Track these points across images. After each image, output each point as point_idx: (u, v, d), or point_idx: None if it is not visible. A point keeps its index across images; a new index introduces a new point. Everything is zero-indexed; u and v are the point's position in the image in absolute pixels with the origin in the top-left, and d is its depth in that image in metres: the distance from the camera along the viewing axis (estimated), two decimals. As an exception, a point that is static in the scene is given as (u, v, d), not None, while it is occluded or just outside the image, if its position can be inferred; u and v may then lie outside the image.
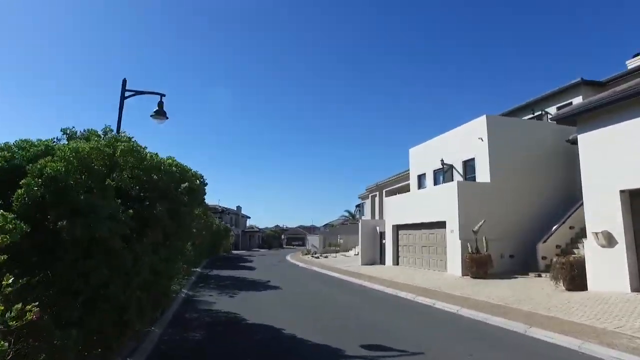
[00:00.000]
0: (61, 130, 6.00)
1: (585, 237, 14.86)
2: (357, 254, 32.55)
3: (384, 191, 35.03)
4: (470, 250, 15.21)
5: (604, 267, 10.18)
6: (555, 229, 15.35)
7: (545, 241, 15.15)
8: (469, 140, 18.32)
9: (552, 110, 20.83)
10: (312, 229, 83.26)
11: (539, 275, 14.07)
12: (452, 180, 19.21)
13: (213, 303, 10.70)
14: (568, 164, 18.20)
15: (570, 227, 15.59)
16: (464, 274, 15.31)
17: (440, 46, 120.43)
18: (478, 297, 10.77)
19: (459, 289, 12.22)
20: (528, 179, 17.41)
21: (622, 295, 9.36)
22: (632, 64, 20.66)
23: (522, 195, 17.13)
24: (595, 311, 8.37)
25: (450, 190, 16.72)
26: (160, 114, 8.60)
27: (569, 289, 10.82)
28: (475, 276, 14.61)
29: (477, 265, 14.57)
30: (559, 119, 11.36)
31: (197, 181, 6.86)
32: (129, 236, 4.70)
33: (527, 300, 9.90)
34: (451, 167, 19.71)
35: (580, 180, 17.67)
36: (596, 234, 10.22)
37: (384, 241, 23.17)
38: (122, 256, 4.44)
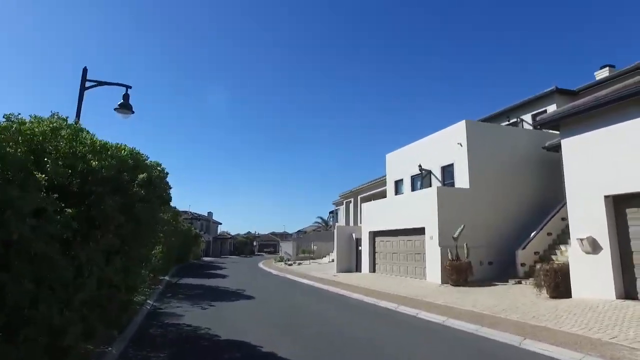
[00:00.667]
0: (4, 117, 5.09)
1: (564, 243, 14.96)
2: (332, 261, 31.95)
3: (358, 197, 34.72)
4: (450, 257, 14.87)
5: (589, 274, 9.96)
6: (534, 236, 15.25)
7: (524, 248, 15.00)
8: (447, 145, 18.12)
9: (528, 117, 21.06)
10: (284, 236, 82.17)
11: (519, 282, 13.88)
12: (430, 186, 18.98)
13: (181, 316, 9.75)
14: (544, 171, 18.31)
15: (548, 234, 15.55)
16: (443, 281, 14.95)
17: (415, 53, 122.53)
18: (463, 306, 10.34)
19: (441, 298, 11.79)
20: (506, 186, 17.35)
21: (608, 303, 9.13)
22: (599, 75, 21.18)
23: (500, 202, 17.03)
24: (585, 320, 8.06)
25: (429, 196, 16.40)
26: (125, 107, 7.74)
27: (552, 297, 10.56)
28: (456, 284, 14.27)
29: (458, 273, 14.24)
30: (543, 124, 11.19)
31: (155, 171, 5.95)
32: (69, 240, 3.82)
33: (514, 309, 9.54)
34: (429, 172, 19.48)
35: (557, 187, 17.98)
36: (581, 240, 10.01)
37: (360, 248, 22.67)
38: (59, 266, 3.53)
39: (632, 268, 9.37)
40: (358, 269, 22.73)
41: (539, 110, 20.73)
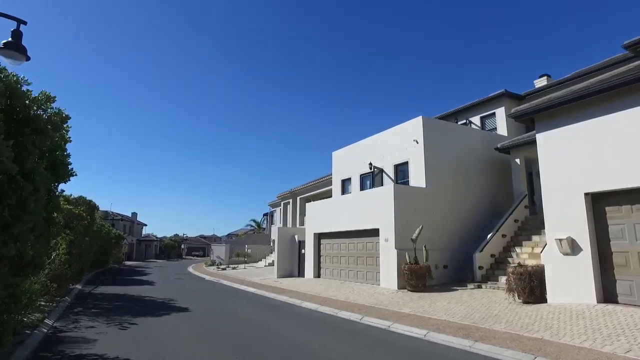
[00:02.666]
0: None
1: (518, 245, 14.56)
2: (268, 265, 30.01)
3: (298, 198, 33.18)
4: (408, 261, 13.79)
5: (567, 276, 9.25)
6: (491, 237, 14.68)
7: (481, 250, 14.35)
8: (402, 142, 17.20)
9: (476, 119, 20.93)
10: (213, 239, 78.21)
11: (479, 287, 13.11)
12: (382, 185, 17.95)
13: (92, 342, 7.18)
14: (496, 172, 18.07)
15: (503, 236, 15.10)
16: (400, 286, 13.83)
17: (363, 54, 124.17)
18: (435, 315, 9.12)
19: (406, 306, 10.55)
20: (461, 186, 16.78)
21: (591, 308, 8.39)
22: (538, 83, 21.66)
23: (455, 202, 16.39)
24: (580, 329, 7.15)
25: (385, 195, 15.24)
26: (14, 48, 5.42)
27: (526, 302, 9.75)
28: (414, 289, 13.18)
29: (417, 277, 13.17)
30: (519, 116, 10.42)
31: (40, 109, 3.81)
32: None
33: (494, 318, 8.50)
34: (381, 171, 18.44)
35: (508, 189, 17.83)
36: (560, 240, 9.27)
37: (303, 251, 21.06)
38: None
39: (612, 270, 8.77)
40: (301, 273, 21.09)
41: (488, 113, 20.73)
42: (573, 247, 9.13)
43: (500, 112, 19.97)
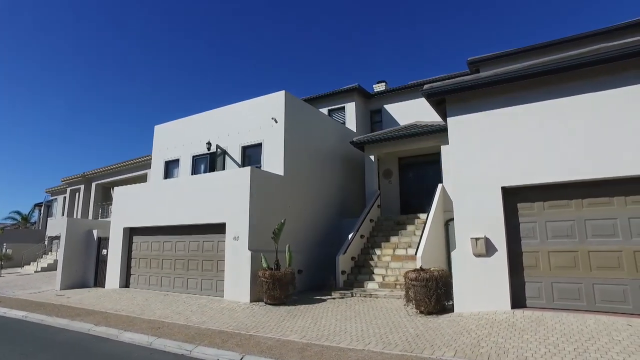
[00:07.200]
0: None
1: (377, 247, 13.36)
2: (43, 270, 22.16)
3: (94, 184, 26.11)
4: (267, 265, 10.79)
5: (479, 281, 7.94)
6: (352, 238, 13.03)
7: (345, 252, 12.52)
8: (256, 120, 14.15)
9: (324, 112, 19.50)
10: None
11: (351, 295, 11.04)
12: (224, 169, 14.50)
13: None
14: (348, 168, 16.86)
15: (361, 236, 13.70)
16: (254, 298, 10.69)
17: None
18: (344, 342, 6.45)
19: (283, 328, 7.57)
20: (317, 178, 14.81)
21: (509, 315, 7.15)
22: (377, 88, 21.92)
23: (311, 197, 14.28)
24: (525, 344, 5.60)
25: (238, 180, 11.84)
26: None
27: (431, 312, 8.08)
28: (275, 302, 10.25)
29: (280, 287, 10.27)
30: (432, 94, 8.78)
31: None
32: None
33: (420, 338, 6.36)
34: (224, 152, 14.92)
35: (362, 187, 16.80)
36: (476, 240, 7.91)
37: (105, 251, 15.55)
38: None
39: (522, 271, 7.85)
40: (99, 282, 15.48)
41: (337, 106, 19.60)
42: (487, 248, 7.89)
43: (351, 107, 19.08)
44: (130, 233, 14.91)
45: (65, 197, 29.12)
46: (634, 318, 6.67)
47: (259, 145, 14.01)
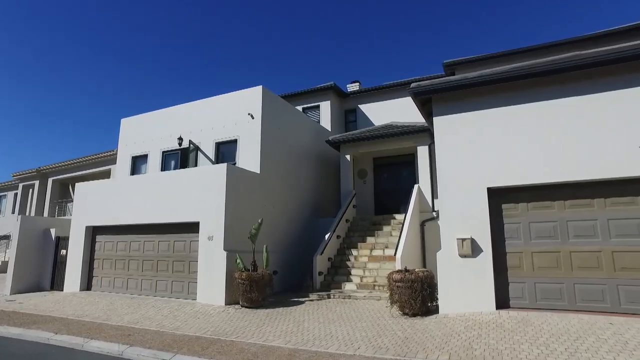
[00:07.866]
0: None
1: (353, 247, 13.20)
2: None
3: (51, 180, 24.54)
4: (243, 267, 10.37)
5: (465, 282, 7.91)
6: (329, 238, 12.80)
7: (322, 253, 12.28)
8: (232, 115, 13.66)
9: (299, 109, 19.19)
10: None
11: (328, 296, 10.80)
12: (197, 166, 13.92)
13: None
14: (322, 167, 16.63)
15: (338, 237, 13.51)
16: (229, 301, 10.24)
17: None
18: (332, 347, 6.20)
19: (265, 333, 7.23)
20: (293, 177, 14.50)
21: (499, 317, 7.14)
22: (351, 88, 21.84)
23: (286, 196, 13.94)
24: (519, 347, 5.59)
25: (212, 177, 11.33)
26: None
27: (416, 314, 7.97)
28: (252, 304, 9.85)
29: (258, 289, 9.88)
30: (419, 92, 8.68)
31: None
32: None
33: (405, 341, 6.22)
34: (197, 148, 14.32)
35: (337, 187, 16.59)
36: (462, 241, 7.87)
37: (64, 251, 14.55)
38: None
39: (506, 272, 7.90)
40: (57, 285, 14.45)
41: (312, 105, 19.34)
42: (473, 249, 7.87)
43: (326, 106, 18.87)
44: (94, 232, 14.01)
45: (16, 194, 27.24)
46: (613, 316, 6.82)
47: (234, 141, 13.53)
